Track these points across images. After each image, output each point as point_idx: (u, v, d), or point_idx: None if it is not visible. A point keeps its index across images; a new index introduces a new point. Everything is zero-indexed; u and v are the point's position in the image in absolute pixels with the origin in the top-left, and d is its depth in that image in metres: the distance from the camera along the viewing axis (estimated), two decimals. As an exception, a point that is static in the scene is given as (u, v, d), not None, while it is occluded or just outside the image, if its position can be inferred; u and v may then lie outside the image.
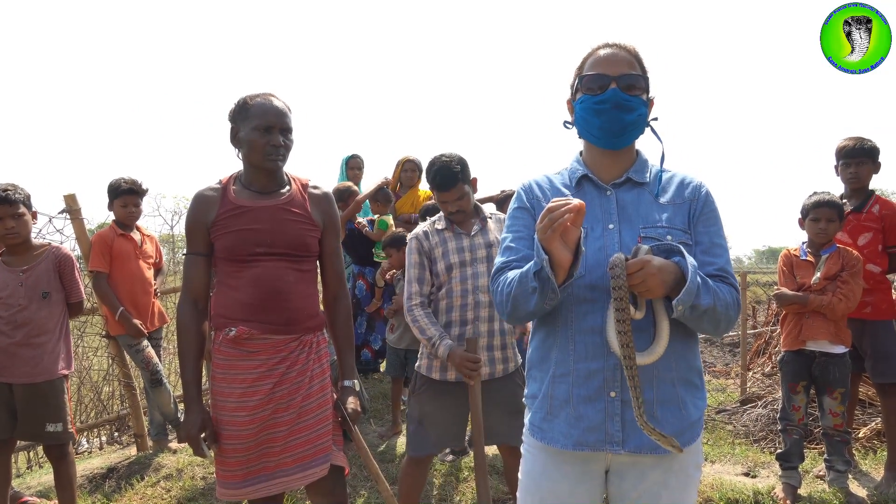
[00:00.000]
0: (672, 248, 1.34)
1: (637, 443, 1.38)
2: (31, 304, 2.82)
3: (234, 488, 1.97)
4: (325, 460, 2.00)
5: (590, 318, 1.40)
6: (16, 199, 2.77)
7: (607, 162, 1.50)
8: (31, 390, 2.80)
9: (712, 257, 1.42)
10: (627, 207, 1.45)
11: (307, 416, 2.00)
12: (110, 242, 3.69)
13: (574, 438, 1.41)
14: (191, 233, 2.02)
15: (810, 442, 3.75)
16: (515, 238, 1.52)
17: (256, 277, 1.97)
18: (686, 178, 1.52)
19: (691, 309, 1.29)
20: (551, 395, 1.45)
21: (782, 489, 3.03)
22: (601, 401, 1.39)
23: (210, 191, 2.02)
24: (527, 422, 1.55)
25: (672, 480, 1.43)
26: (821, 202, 3.02)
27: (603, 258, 1.39)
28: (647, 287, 1.26)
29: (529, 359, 1.55)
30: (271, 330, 1.97)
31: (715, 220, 1.47)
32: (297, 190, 2.07)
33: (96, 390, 5.16)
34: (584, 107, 1.46)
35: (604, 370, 1.38)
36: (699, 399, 1.45)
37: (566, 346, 1.43)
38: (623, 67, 1.44)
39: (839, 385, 2.99)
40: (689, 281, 1.26)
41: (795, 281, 3.09)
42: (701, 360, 1.50)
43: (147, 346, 3.79)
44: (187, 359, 2.00)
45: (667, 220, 1.43)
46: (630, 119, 1.43)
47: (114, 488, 3.42)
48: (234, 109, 2.01)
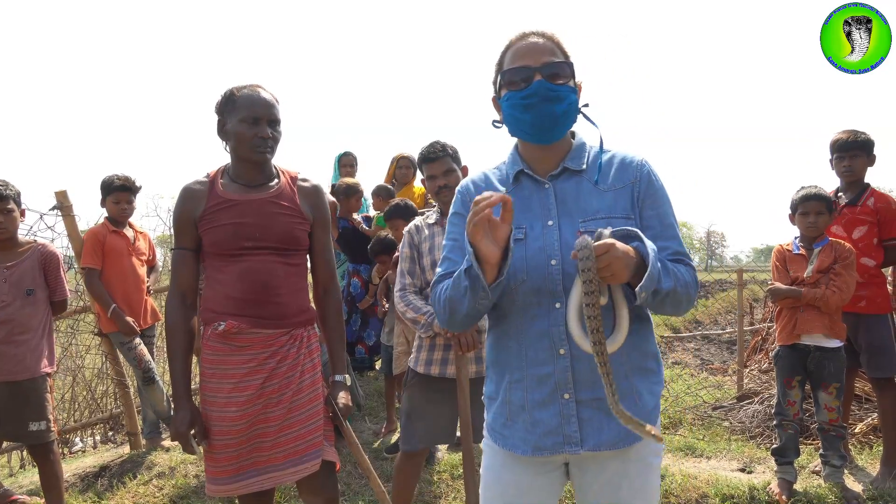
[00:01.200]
0: (629, 233, 1.29)
1: (595, 441, 1.36)
2: (14, 301, 2.79)
3: (223, 484, 1.95)
4: (316, 456, 1.98)
5: (537, 324, 1.37)
6: (6, 195, 2.75)
7: (542, 154, 1.44)
8: (14, 388, 2.78)
9: (666, 241, 1.38)
10: (567, 200, 1.40)
11: (298, 411, 1.98)
12: (103, 239, 3.67)
13: (532, 444, 1.40)
14: (178, 227, 2.00)
15: (806, 437, 3.74)
16: (451, 248, 1.47)
17: (245, 271, 1.94)
18: (626, 157, 1.45)
19: (653, 294, 1.26)
20: (509, 401, 1.44)
21: (778, 484, 3.02)
22: (555, 404, 1.37)
23: (197, 184, 2.00)
24: (487, 423, 1.54)
25: (632, 469, 1.42)
26: (808, 196, 3.02)
27: (543, 259, 1.35)
28: (612, 271, 1.20)
29: (487, 357, 1.53)
30: (261, 324, 1.95)
31: (662, 199, 1.42)
32: (286, 183, 2.05)
33: (89, 389, 5.13)
34: (510, 104, 1.39)
35: (555, 373, 1.36)
36: (655, 384, 1.43)
37: (518, 351, 1.41)
38: (545, 56, 1.37)
39: (834, 380, 2.98)
40: (650, 266, 1.22)
41: (789, 275, 3.08)
42: (656, 342, 1.47)
43: (139, 344, 3.76)
44: (176, 355, 1.97)
45: (607, 209, 1.38)
46: (561, 109, 1.37)
47: (106, 487, 3.40)
48: (220, 101, 1.99)
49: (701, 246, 69.12)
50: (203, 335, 2.00)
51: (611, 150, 1.48)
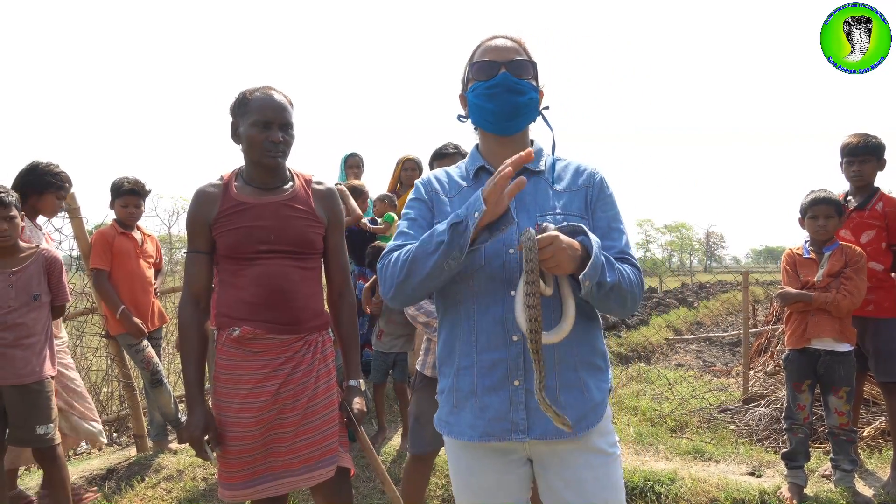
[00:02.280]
0: (575, 228, 1.35)
1: (542, 430, 1.39)
2: (21, 307, 2.78)
3: (237, 489, 1.94)
4: (331, 462, 1.98)
5: (491, 310, 1.41)
6: (8, 202, 2.74)
7: (503, 152, 1.48)
8: (21, 391, 2.77)
9: (611, 241, 1.46)
10: (525, 197, 1.46)
11: (313, 416, 1.98)
12: (111, 240, 3.67)
13: (480, 430, 1.42)
14: (192, 230, 1.99)
15: (815, 441, 3.74)
16: (410, 225, 1.51)
17: (260, 276, 1.93)
18: (581, 165, 1.56)
19: (598, 286, 1.30)
20: (456, 389, 1.46)
21: (788, 489, 3.02)
22: (505, 390, 1.40)
23: (211, 187, 1.99)
24: (435, 417, 1.56)
25: (593, 459, 1.44)
26: (817, 199, 3.03)
27: (502, 248, 1.41)
28: (556, 262, 1.26)
29: (438, 355, 1.55)
30: (276, 329, 1.94)
31: (611, 204, 1.51)
32: (301, 186, 2.04)
33: (95, 391, 5.12)
34: (476, 94, 1.48)
35: (507, 359, 1.40)
36: (602, 381, 1.48)
37: (469, 338, 1.44)
38: (511, 54, 1.48)
39: (844, 384, 2.98)
40: (593, 255, 1.28)
41: (799, 279, 3.08)
42: (604, 342, 1.53)
43: (147, 346, 3.76)
44: (189, 359, 1.96)
45: (563, 207, 1.46)
46: (522, 101, 1.45)
47: (114, 489, 3.39)
48: (233, 104, 1.97)
49: (700, 247, 69.18)
50: (217, 340, 1.99)
51: (566, 158, 1.58)
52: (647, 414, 4.54)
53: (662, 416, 4.46)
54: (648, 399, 5.09)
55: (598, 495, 1.43)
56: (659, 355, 7.83)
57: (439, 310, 1.54)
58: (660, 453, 3.76)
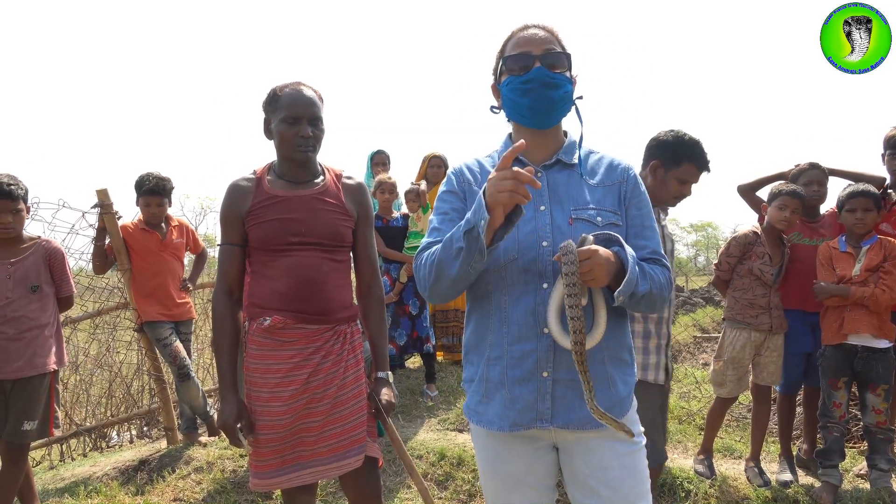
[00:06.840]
0: (611, 237, 1.36)
1: (564, 419, 1.40)
2: (19, 298, 2.76)
3: (267, 478, 1.97)
4: (360, 451, 1.99)
5: (523, 301, 1.41)
6: (17, 195, 2.73)
7: (536, 143, 1.49)
8: (23, 385, 2.77)
9: (644, 240, 1.47)
10: (558, 189, 1.46)
11: (342, 406, 1.99)
12: (126, 236, 3.78)
13: (510, 420, 1.43)
14: (225, 223, 2.02)
15: (849, 440, 3.65)
16: (442, 220, 1.50)
17: (291, 267, 1.96)
18: (614, 160, 1.54)
19: (630, 296, 1.33)
20: (486, 379, 1.47)
21: (822, 488, 2.95)
22: (534, 381, 1.41)
23: (244, 181, 2.02)
24: (465, 405, 1.57)
25: (619, 447, 1.45)
26: (855, 192, 2.98)
27: (535, 240, 1.41)
28: (594, 276, 1.28)
29: (466, 343, 1.55)
30: (306, 319, 1.96)
31: (645, 202, 1.51)
32: (332, 180, 2.07)
33: (126, 385, 5.23)
34: (510, 88, 1.46)
35: (537, 351, 1.40)
36: (629, 376, 1.49)
37: (500, 328, 1.44)
38: (545, 46, 1.45)
39: (882, 381, 2.90)
40: (629, 272, 1.30)
41: (835, 273, 3.01)
42: (631, 336, 1.54)
43: (175, 340, 3.81)
44: (222, 349, 1.99)
45: (597, 202, 1.45)
46: (557, 96, 1.43)
47: (146, 480, 3.45)
48: (265, 100, 2.01)
49: (726, 246, 67.97)
50: (248, 330, 2.02)
51: (599, 152, 1.56)
52: (675, 412, 4.47)
53: (691, 414, 4.40)
54: (676, 397, 5.02)
55: (623, 482, 1.43)
56: (686, 354, 7.73)
57: (469, 298, 1.54)
58: (689, 451, 3.71)
